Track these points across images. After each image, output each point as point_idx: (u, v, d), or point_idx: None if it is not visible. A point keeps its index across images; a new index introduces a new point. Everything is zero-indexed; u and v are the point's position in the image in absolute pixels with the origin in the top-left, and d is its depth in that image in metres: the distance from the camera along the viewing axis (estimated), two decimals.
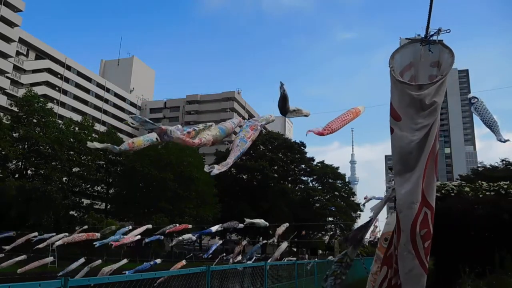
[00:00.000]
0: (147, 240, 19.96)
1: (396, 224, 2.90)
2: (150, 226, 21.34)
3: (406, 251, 2.76)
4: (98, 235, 18.00)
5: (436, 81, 2.69)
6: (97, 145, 4.53)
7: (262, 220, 19.34)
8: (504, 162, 32.46)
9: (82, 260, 15.45)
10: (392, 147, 2.82)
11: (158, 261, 14.68)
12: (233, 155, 4.69)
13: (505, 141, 6.93)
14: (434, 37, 2.80)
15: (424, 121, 2.66)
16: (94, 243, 16.67)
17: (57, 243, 17.06)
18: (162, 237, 22.62)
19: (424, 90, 2.66)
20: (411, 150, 2.69)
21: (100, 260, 15.60)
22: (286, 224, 20.45)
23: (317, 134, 5.20)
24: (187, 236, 19.49)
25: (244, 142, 4.83)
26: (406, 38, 2.89)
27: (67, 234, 22.18)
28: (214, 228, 20.91)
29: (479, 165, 37.03)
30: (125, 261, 14.39)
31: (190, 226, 25.72)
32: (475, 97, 7.32)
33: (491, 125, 6.86)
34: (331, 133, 5.34)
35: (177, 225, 23.62)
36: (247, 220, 18.02)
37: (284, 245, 20.28)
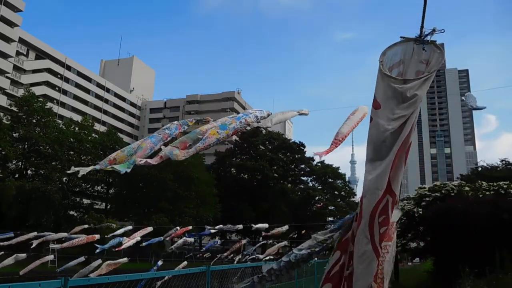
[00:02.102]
0: (145, 243, 19.94)
1: (359, 209, 2.93)
2: (151, 228, 21.35)
3: (362, 235, 2.80)
4: (97, 236, 18.00)
5: (422, 77, 2.73)
6: (81, 171, 4.44)
7: (264, 225, 19.55)
8: (503, 162, 32.42)
9: (82, 258, 15.45)
10: (368, 135, 2.87)
11: (160, 263, 14.71)
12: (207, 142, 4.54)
13: (480, 108, 7.01)
14: (428, 37, 2.83)
15: (402, 112, 2.69)
16: (96, 245, 16.68)
17: (55, 246, 17.06)
18: (162, 238, 22.64)
19: (408, 84, 2.71)
20: (384, 139, 2.72)
21: (100, 260, 15.58)
22: (286, 227, 20.54)
23: (329, 152, 5.29)
24: (181, 241, 19.57)
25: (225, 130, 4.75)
26: (401, 37, 2.91)
27: (66, 234, 22.19)
28: (213, 229, 20.98)
29: (478, 164, 36.96)
30: (125, 259, 14.40)
31: (190, 227, 25.72)
32: (471, 95, 7.43)
33: (471, 100, 6.98)
34: (342, 141, 5.43)
35: (178, 228, 23.64)
36: (255, 226, 18.34)
37: (282, 243, 20.41)
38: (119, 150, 4.67)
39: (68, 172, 4.50)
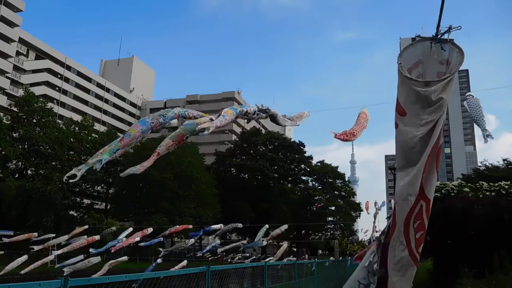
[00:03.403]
0: (143, 244, 19.90)
1: (392, 216, 2.90)
2: (151, 229, 21.33)
3: (398, 242, 2.79)
4: (97, 237, 18.00)
5: (444, 79, 2.68)
6: (76, 173, 4.44)
7: (265, 227, 19.54)
8: (505, 161, 32.34)
9: (81, 257, 15.46)
10: (396, 142, 2.84)
11: (159, 260, 14.69)
12: (219, 120, 4.65)
13: (488, 135, 6.87)
14: (446, 35, 2.80)
15: (429, 117, 2.66)
16: (90, 250, 16.68)
17: (57, 252, 17.06)
18: (162, 238, 22.62)
19: (431, 87, 2.66)
20: (414, 145, 2.70)
21: (99, 258, 15.57)
22: (285, 226, 20.49)
23: (343, 139, 5.36)
24: (179, 245, 19.56)
25: (223, 118, 4.85)
26: (417, 36, 2.88)
27: (66, 237, 22.16)
28: (214, 227, 20.93)
29: (480, 164, 36.87)
30: (125, 258, 14.39)
31: (190, 226, 25.68)
32: (471, 95, 7.39)
33: (477, 120, 6.87)
34: (353, 138, 5.53)
35: (177, 226, 23.60)
36: (256, 239, 18.35)
37: (285, 245, 20.35)
38: (106, 146, 4.71)
39: (66, 177, 4.46)
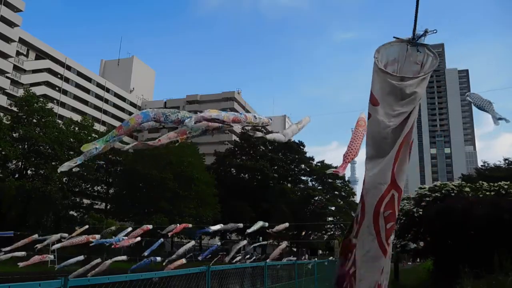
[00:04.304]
0: (146, 252, 19.88)
1: (360, 208, 2.87)
2: (150, 226, 21.35)
3: (367, 233, 2.73)
4: (98, 236, 18.01)
5: (419, 77, 2.74)
6: (66, 166, 4.45)
7: (262, 222, 19.44)
8: (506, 161, 32.26)
9: (81, 257, 15.47)
10: (368, 132, 2.86)
11: (159, 259, 14.70)
12: (205, 115, 4.74)
13: (500, 119, 6.92)
14: (422, 39, 2.86)
15: (402, 109, 2.69)
16: (91, 240, 16.66)
17: (56, 246, 17.06)
18: (162, 239, 22.62)
19: (407, 81, 2.72)
20: (386, 136, 2.71)
21: (99, 259, 15.59)
22: (286, 224, 20.52)
23: (347, 163, 5.49)
24: (189, 245, 19.55)
25: (217, 117, 4.91)
26: (394, 37, 2.93)
27: (66, 234, 22.17)
28: (214, 227, 20.94)
29: (482, 164, 36.79)
30: (124, 257, 14.41)
31: (190, 225, 25.68)
32: (472, 93, 7.44)
33: (485, 107, 6.90)
34: (355, 156, 5.61)
35: (178, 225, 23.60)
36: (249, 230, 18.26)
37: (284, 245, 20.36)
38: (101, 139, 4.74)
39: (59, 170, 4.50)
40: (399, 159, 2.70)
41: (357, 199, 77.82)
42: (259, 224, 19.55)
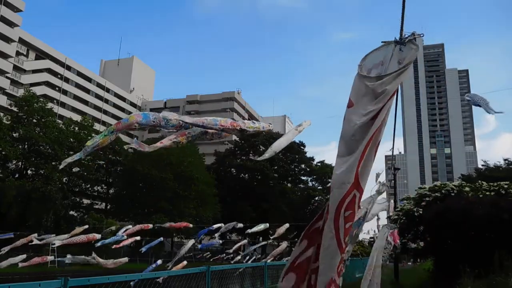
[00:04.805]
0: (144, 249, 19.89)
1: (328, 204, 2.92)
2: (150, 225, 21.34)
3: (328, 229, 2.77)
4: (98, 236, 18.00)
5: (393, 72, 2.74)
6: (68, 160, 4.60)
7: (263, 225, 19.54)
8: (506, 161, 32.24)
9: (82, 257, 15.45)
10: (341, 131, 2.90)
11: (159, 262, 14.70)
12: (195, 120, 4.77)
13: (496, 112, 7.05)
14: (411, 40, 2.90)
15: (372, 107, 2.71)
16: (95, 243, 16.67)
17: (57, 243, 17.06)
18: (162, 238, 22.61)
19: (379, 80, 2.74)
20: (354, 133, 2.73)
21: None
22: (287, 225, 20.55)
23: None
24: (190, 243, 19.53)
25: (214, 122, 4.91)
26: (382, 42, 2.96)
27: (66, 236, 22.15)
28: (215, 226, 20.98)
29: (482, 164, 36.76)
30: (126, 259, 14.42)
31: (190, 226, 25.68)
32: (472, 93, 7.54)
33: (479, 102, 7.01)
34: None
35: (173, 223, 23.61)
36: (251, 230, 18.31)
37: (284, 245, 20.37)
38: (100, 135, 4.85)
39: (61, 165, 4.65)
40: (364, 159, 2.71)
41: None
42: (261, 226, 19.69)
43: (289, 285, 3.12)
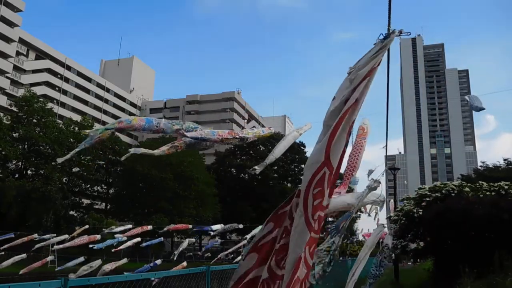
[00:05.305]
0: (144, 244, 19.98)
1: (301, 184, 2.97)
2: (150, 227, 21.38)
3: (299, 209, 2.80)
4: (98, 237, 18.06)
5: (366, 55, 2.83)
6: (67, 156, 4.68)
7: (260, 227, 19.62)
8: (506, 161, 32.22)
9: (81, 259, 15.49)
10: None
11: (158, 262, 14.71)
12: (194, 134, 4.82)
13: (480, 109, 7.19)
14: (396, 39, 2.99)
15: (346, 93, 2.81)
16: (92, 245, 16.71)
17: (58, 247, 17.12)
18: (162, 238, 22.65)
19: (354, 70, 2.85)
20: (328, 118, 2.82)
21: (99, 260, 15.59)
22: None
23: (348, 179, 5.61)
24: (188, 241, 19.60)
25: (212, 134, 4.93)
26: (374, 44, 3.01)
27: (67, 236, 22.18)
28: (214, 227, 21.02)
29: (481, 164, 36.76)
30: (125, 260, 14.43)
31: (190, 226, 25.73)
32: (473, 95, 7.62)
33: (477, 104, 7.12)
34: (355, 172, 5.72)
35: (173, 225, 23.66)
36: (249, 235, 18.39)
37: None
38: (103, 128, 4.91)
39: (58, 160, 4.73)
40: (336, 137, 2.75)
41: None
42: (260, 227, 19.78)
43: (250, 263, 3.12)
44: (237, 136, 5.24)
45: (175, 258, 19.84)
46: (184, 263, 14.25)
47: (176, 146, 5.01)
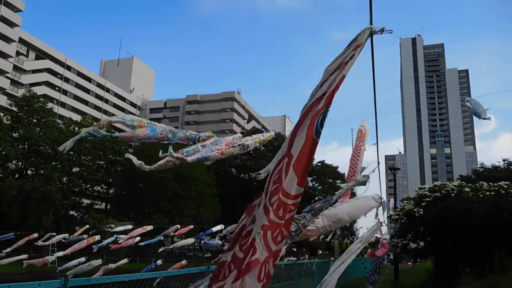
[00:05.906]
0: (143, 243, 19.99)
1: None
2: (151, 227, 21.39)
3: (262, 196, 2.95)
4: (98, 237, 18.07)
5: (340, 55, 2.99)
6: (68, 144, 4.63)
7: None
8: (505, 161, 32.23)
9: (82, 259, 15.49)
10: None
11: (159, 262, 14.71)
12: (194, 157, 4.84)
13: (486, 118, 7.23)
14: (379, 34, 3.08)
15: (314, 90, 2.99)
16: (93, 246, 16.72)
17: (58, 254, 17.17)
18: (162, 238, 22.65)
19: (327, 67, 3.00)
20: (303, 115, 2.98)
21: (100, 260, 15.60)
22: None
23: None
24: (189, 241, 19.59)
25: (211, 151, 4.96)
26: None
27: (67, 235, 22.16)
28: (215, 229, 21.03)
29: (479, 165, 36.79)
30: (125, 260, 14.43)
31: (191, 226, 25.75)
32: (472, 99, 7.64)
33: (478, 109, 7.15)
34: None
35: (179, 226, 23.67)
36: None
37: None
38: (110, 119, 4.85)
39: (60, 148, 4.67)
40: (299, 129, 2.90)
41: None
42: None
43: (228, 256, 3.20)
44: (236, 145, 5.26)
45: (180, 245, 19.92)
46: (183, 262, 14.24)
47: (173, 161, 5.03)
